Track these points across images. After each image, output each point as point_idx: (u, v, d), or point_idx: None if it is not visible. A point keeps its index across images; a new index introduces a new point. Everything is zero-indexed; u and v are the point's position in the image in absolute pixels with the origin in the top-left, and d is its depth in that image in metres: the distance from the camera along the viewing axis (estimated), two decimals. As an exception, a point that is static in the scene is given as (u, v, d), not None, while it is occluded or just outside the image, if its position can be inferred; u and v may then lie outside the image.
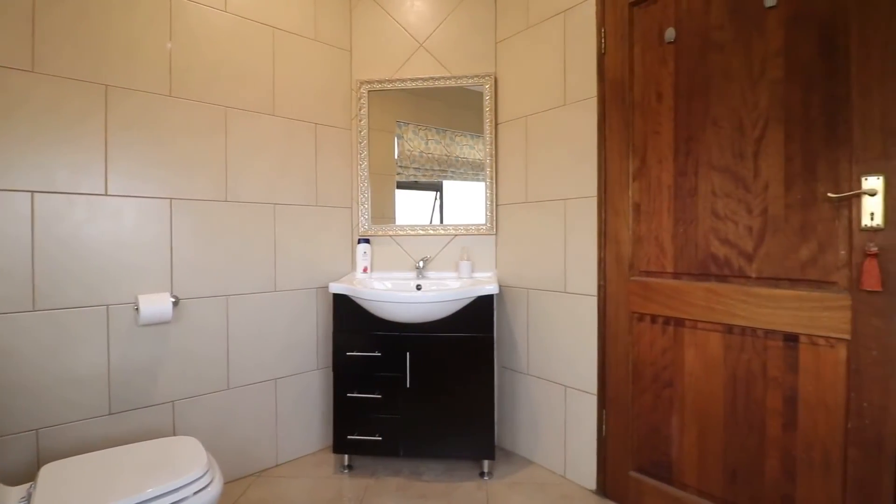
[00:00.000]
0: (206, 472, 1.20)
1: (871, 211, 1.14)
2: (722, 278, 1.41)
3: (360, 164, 2.19)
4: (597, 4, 1.71)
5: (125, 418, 1.56)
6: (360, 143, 2.19)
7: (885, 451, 1.13)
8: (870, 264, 1.13)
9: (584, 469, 1.78)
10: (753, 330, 1.33)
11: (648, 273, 1.58)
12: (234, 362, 1.83)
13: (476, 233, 2.14)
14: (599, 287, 1.72)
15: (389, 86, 2.18)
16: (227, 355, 1.81)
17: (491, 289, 1.79)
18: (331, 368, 2.08)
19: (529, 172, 2.00)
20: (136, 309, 1.53)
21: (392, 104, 2.20)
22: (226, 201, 1.81)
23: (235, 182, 1.83)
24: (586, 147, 1.76)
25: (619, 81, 1.65)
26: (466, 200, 2.17)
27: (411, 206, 2.21)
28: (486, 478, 1.85)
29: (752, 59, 1.34)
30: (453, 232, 2.15)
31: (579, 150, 1.79)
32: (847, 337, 1.18)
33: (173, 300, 1.61)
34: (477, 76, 2.13)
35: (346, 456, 1.93)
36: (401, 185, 2.21)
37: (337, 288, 1.85)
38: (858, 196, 1.16)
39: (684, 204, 1.49)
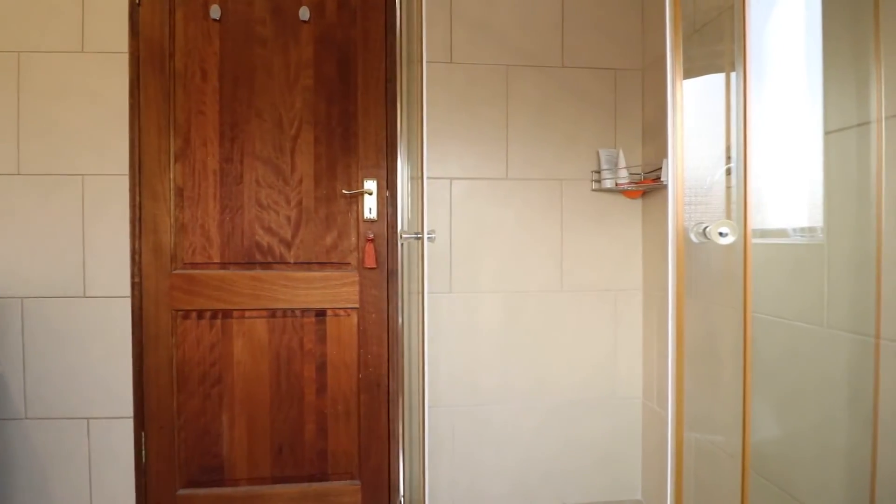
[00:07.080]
0: None
1: (370, 206, 1.48)
2: (266, 265, 1.46)
3: None
4: (125, -58, 1.41)
5: None
6: None
7: (381, 389, 1.50)
8: (369, 248, 1.46)
9: (120, 513, 1.43)
10: (293, 311, 1.46)
11: (194, 265, 1.44)
12: None
13: None
14: (134, 285, 1.42)
15: None
16: None
17: (-68, 301, 1.13)
18: None
19: (25, 133, 1.41)
20: None
21: None
22: None
23: None
24: (115, 113, 1.42)
25: (159, 44, 1.42)
26: None
27: None
28: None
29: (290, 62, 1.46)
30: None
31: (106, 116, 1.42)
32: (357, 306, 1.48)
33: None
34: None
35: None
36: None
37: None
38: (362, 194, 1.47)
39: (231, 191, 1.45)
